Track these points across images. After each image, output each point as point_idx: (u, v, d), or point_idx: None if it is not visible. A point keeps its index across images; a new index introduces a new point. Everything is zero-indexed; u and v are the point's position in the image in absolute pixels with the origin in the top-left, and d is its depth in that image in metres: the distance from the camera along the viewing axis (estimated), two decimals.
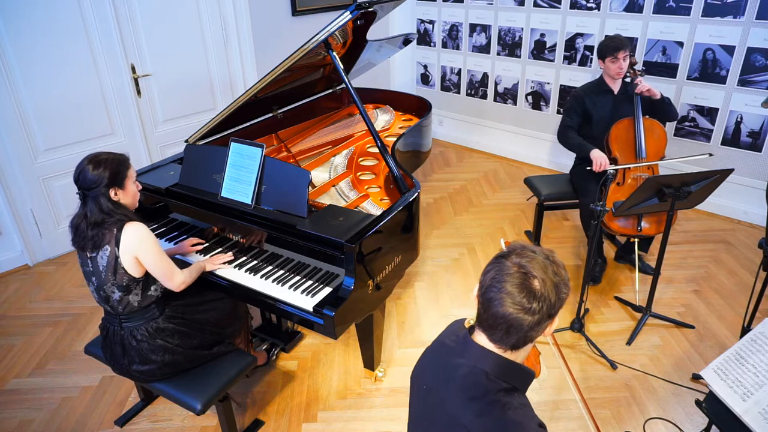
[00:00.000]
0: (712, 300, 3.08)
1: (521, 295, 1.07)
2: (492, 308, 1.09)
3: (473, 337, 1.19)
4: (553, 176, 3.64)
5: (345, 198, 2.57)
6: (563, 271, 1.13)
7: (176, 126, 4.01)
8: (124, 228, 1.81)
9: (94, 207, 1.80)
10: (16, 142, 3.26)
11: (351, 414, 2.40)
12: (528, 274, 1.08)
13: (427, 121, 3.34)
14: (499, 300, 1.08)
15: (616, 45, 2.95)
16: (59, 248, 3.64)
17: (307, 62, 2.76)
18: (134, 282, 1.87)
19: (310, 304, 2.02)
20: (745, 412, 1.65)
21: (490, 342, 1.15)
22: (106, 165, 1.81)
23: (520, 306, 1.06)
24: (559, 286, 1.10)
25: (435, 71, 5.45)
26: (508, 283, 1.08)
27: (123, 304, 1.89)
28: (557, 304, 1.10)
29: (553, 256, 1.14)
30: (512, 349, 1.14)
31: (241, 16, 4.10)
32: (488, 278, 1.12)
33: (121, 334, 1.94)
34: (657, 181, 2.43)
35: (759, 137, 3.72)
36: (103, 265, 1.83)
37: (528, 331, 1.09)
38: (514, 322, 1.08)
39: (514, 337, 1.11)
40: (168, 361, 1.95)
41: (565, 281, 1.12)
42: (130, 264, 1.83)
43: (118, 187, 1.84)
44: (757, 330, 1.78)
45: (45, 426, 2.35)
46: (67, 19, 3.27)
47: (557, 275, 1.10)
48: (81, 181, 1.80)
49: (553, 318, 1.12)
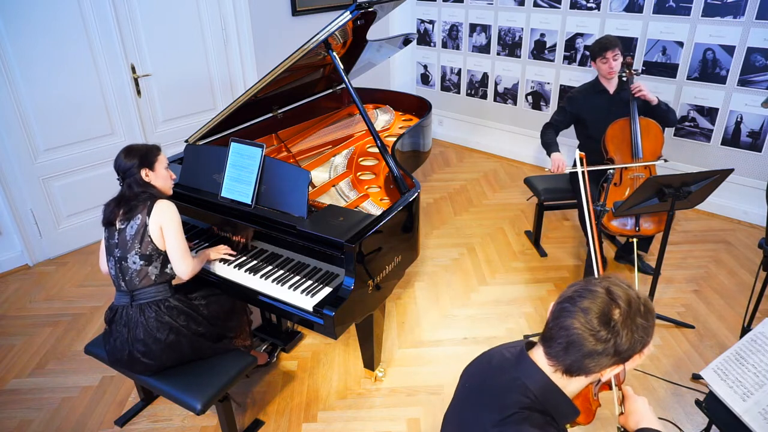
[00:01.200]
0: (712, 300, 3.08)
1: (595, 315, 1.01)
2: (561, 318, 1.04)
3: (530, 353, 1.15)
4: (553, 176, 3.64)
5: (345, 198, 2.57)
6: (651, 317, 1.05)
7: (176, 126, 4.01)
8: (157, 202, 1.99)
9: (131, 184, 2.02)
10: (16, 142, 3.26)
11: (351, 414, 2.40)
12: (613, 302, 1.02)
13: (427, 121, 3.34)
14: (571, 312, 1.03)
15: (604, 45, 2.96)
16: (59, 248, 3.64)
17: (307, 62, 2.76)
18: (157, 253, 1.98)
19: (310, 304, 2.02)
20: (745, 412, 1.65)
21: (545, 357, 1.09)
22: (138, 152, 2.04)
23: (589, 326, 1.01)
24: (638, 328, 1.02)
25: (435, 71, 5.45)
26: (588, 300, 1.02)
27: (141, 275, 1.97)
28: (628, 345, 1.02)
29: (646, 301, 1.06)
30: (565, 372, 1.07)
31: (241, 16, 4.10)
32: (571, 290, 1.07)
33: (130, 313, 1.97)
34: (657, 181, 2.43)
35: (759, 137, 3.72)
36: (131, 234, 1.96)
37: (587, 356, 1.02)
38: (576, 338, 1.02)
39: (571, 356, 1.04)
40: (171, 342, 1.96)
41: (647, 328, 1.04)
42: (156, 234, 1.96)
43: (148, 168, 2.03)
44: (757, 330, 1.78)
45: (45, 426, 2.35)
46: (67, 19, 3.28)
47: (642, 317, 1.03)
48: (118, 167, 2.03)
49: (617, 359, 1.04)
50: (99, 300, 3.17)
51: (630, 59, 3.05)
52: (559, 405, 1.10)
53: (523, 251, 3.61)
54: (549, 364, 1.09)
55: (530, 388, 1.09)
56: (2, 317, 3.06)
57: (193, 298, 2.10)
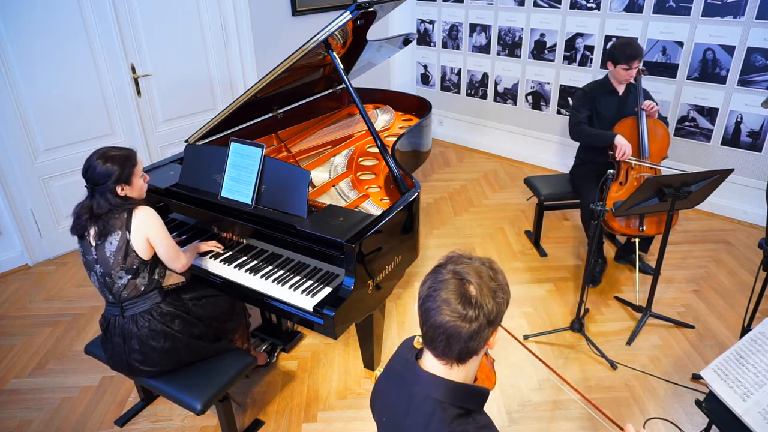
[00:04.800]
0: (712, 300, 3.08)
1: (457, 301, 1.04)
2: (430, 318, 1.06)
3: (420, 362, 1.16)
4: (553, 176, 3.64)
5: (345, 198, 2.57)
6: (501, 277, 1.10)
7: (176, 126, 4.01)
8: (134, 212, 1.88)
9: (102, 201, 1.86)
10: (16, 142, 3.26)
11: (351, 414, 2.40)
12: (463, 279, 1.05)
13: (427, 121, 3.34)
14: (435, 309, 1.05)
15: (632, 54, 2.89)
16: (59, 248, 3.64)
17: (307, 62, 2.76)
18: (143, 265, 1.92)
19: (310, 304, 2.02)
20: (745, 412, 1.65)
21: (436, 360, 1.11)
22: (114, 161, 1.86)
23: (456, 313, 1.03)
24: (496, 292, 1.06)
25: (435, 71, 5.45)
26: (444, 291, 1.05)
27: (129, 288, 1.91)
28: (495, 310, 1.06)
29: (490, 263, 1.11)
30: (458, 362, 1.09)
31: (241, 16, 4.10)
32: (425, 288, 1.09)
33: (122, 324, 1.94)
34: (657, 181, 2.43)
35: (759, 137, 3.72)
36: (112, 250, 1.86)
37: (468, 340, 1.05)
38: (452, 331, 1.04)
39: (456, 348, 1.06)
40: (168, 349, 1.95)
41: (503, 287, 1.09)
42: (141, 246, 1.88)
43: (125, 184, 1.88)
44: (757, 330, 1.78)
45: (45, 426, 2.35)
46: (67, 19, 3.27)
47: (494, 280, 1.07)
48: (90, 176, 1.85)
49: (494, 326, 1.08)
50: (99, 300, 3.16)
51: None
52: (470, 397, 1.13)
53: (523, 251, 3.61)
54: (442, 364, 1.11)
55: (443, 401, 1.10)
56: (2, 317, 3.06)
57: (186, 300, 2.06)
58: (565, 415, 2.37)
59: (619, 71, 2.98)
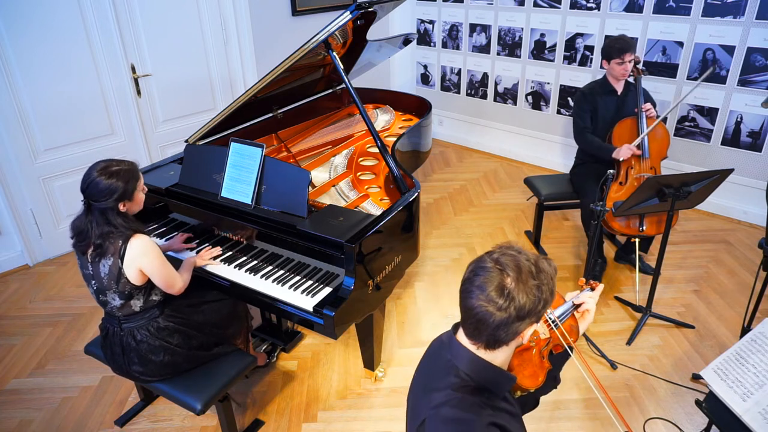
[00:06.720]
0: (712, 300, 3.08)
1: (490, 289, 1.07)
2: (464, 300, 1.12)
3: (457, 335, 1.22)
4: (553, 176, 3.64)
5: (345, 198, 2.57)
6: (544, 276, 1.10)
7: (176, 126, 4.00)
8: (130, 241, 1.81)
9: (101, 218, 1.79)
10: (16, 142, 3.26)
11: (351, 414, 2.40)
12: (503, 270, 1.08)
13: (427, 121, 3.34)
14: (470, 292, 1.10)
15: (622, 47, 2.93)
16: (59, 248, 3.64)
17: (307, 62, 2.76)
18: (136, 290, 1.89)
19: (310, 304, 2.02)
20: (745, 412, 1.65)
21: (467, 337, 1.17)
22: (118, 177, 1.78)
23: (488, 300, 1.07)
24: (533, 289, 1.08)
25: (435, 71, 5.45)
26: (482, 277, 1.09)
27: (124, 309, 1.90)
28: (528, 306, 1.07)
29: (538, 261, 1.12)
30: (486, 347, 1.14)
31: (241, 17, 4.10)
32: (468, 271, 1.14)
33: (121, 336, 1.94)
34: (657, 181, 2.43)
35: (759, 137, 3.72)
36: (105, 273, 1.83)
37: (496, 329, 1.08)
38: (481, 316, 1.08)
39: (483, 334, 1.11)
40: (167, 362, 1.96)
41: (543, 286, 1.09)
42: (133, 275, 1.84)
43: (127, 200, 1.83)
44: (757, 330, 1.78)
45: (45, 426, 2.35)
46: (67, 19, 3.27)
47: (534, 278, 1.09)
48: (90, 192, 1.77)
49: (524, 321, 1.09)
50: None
51: (638, 57, 3.05)
52: (492, 377, 1.17)
53: None
54: (471, 343, 1.17)
55: (461, 368, 1.16)
56: (2, 317, 3.06)
57: (185, 308, 2.05)
58: (565, 415, 2.37)
59: (614, 67, 3.00)
